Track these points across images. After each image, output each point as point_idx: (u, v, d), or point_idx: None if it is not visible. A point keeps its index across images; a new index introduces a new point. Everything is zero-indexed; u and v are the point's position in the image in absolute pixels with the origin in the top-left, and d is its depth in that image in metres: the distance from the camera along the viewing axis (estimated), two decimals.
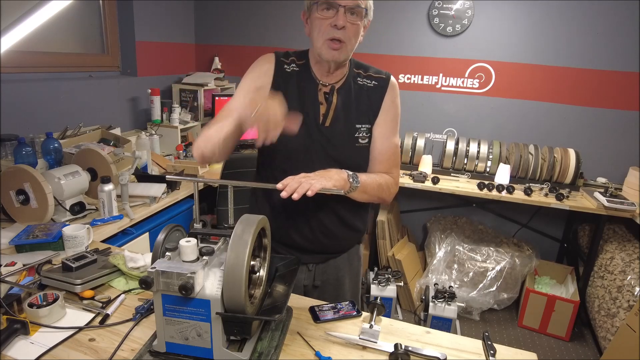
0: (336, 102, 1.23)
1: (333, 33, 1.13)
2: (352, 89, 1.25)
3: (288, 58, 1.26)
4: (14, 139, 2.00)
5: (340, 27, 1.12)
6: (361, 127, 1.24)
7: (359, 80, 1.26)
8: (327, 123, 1.22)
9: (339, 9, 1.11)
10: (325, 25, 1.13)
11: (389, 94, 1.26)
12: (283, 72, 1.24)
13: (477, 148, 2.82)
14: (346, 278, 1.40)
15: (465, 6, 2.85)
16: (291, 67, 1.25)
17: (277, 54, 1.27)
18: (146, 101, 2.94)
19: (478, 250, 2.82)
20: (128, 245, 1.82)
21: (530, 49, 2.84)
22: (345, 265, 1.39)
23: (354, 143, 1.23)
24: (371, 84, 1.26)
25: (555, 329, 2.64)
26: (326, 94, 1.23)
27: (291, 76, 1.24)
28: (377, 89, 1.26)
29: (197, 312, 0.85)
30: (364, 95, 1.25)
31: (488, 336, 1.07)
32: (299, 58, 1.26)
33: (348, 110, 1.23)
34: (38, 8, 1.99)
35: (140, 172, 2.23)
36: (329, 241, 1.31)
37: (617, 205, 2.39)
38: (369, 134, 1.25)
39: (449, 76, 3.04)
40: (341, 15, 1.11)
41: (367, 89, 1.26)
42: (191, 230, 0.97)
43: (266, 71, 1.24)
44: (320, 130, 1.21)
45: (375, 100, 1.25)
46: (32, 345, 0.95)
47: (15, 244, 1.40)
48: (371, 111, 1.25)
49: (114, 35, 2.83)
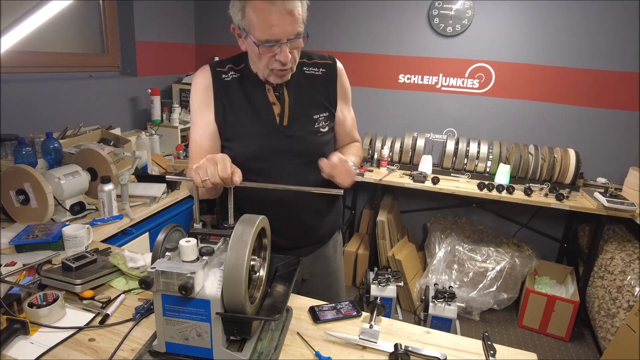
0: (289, 98, 1.20)
1: (278, 65, 1.10)
2: (302, 81, 1.22)
3: (225, 66, 1.22)
4: (14, 139, 2.00)
5: (285, 62, 1.09)
6: (319, 117, 1.23)
7: (305, 69, 1.23)
8: (285, 122, 1.20)
9: (281, 44, 1.06)
10: (269, 58, 1.09)
11: (340, 78, 1.27)
12: (222, 82, 1.20)
13: (477, 148, 2.82)
14: (333, 267, 1.43)
15: (465, 6, 2.85)
16: (230, 75, 1.21)
17: (212, 65, 1.22)
18: (146, 101, 2.94)
19: (478, 251, 2.82)
20: (128, 245, 1.82)
21: (530, 49, 2.84)
22: (331, 254, 1.41)
23: (316, 134, 1.23)
24: (319, 71, 1.24)
25: (555, 329, 2.64)
26: (276, 92, 1.21)
27: (232, 84, 1.20)
28: (328, 76, 1.25)
29: (197, 312, 0.85)
30: (316, 84, 1.24)
31: (488, 336, 1.07)
32: (237, 63, 1.22)
33: (302, 103, 1.22)
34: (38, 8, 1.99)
35: (140, 172, 2.23)
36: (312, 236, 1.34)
37: (617, 206, 2.39)
38: (328, 121, 1.25)
39: (449, 76, 3.04)
40: (284, 50, 1.07)
41: (317, 78, 1.24)
42: (191, 230, 0.97)
43: (206, 88, 1.20)
44: (279, 131, 1.20)
45: (330, 88, 1.25)
46: (32, 345, 0.95)
47: (15, 243, 1.40)
48: (327, 99, 1.25)
49: (114, 35, 2.83)
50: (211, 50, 3.46)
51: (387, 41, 3.07)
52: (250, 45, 1.09)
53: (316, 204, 1.30)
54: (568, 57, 2.79)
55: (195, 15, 3.45)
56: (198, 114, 1.21)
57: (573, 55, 2.77)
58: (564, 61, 2.80)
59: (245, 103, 1.20)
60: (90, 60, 2.72)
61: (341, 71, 1.28)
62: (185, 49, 3.44)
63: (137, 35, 2.86)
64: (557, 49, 2.79)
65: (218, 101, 1.20)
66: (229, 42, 3.42)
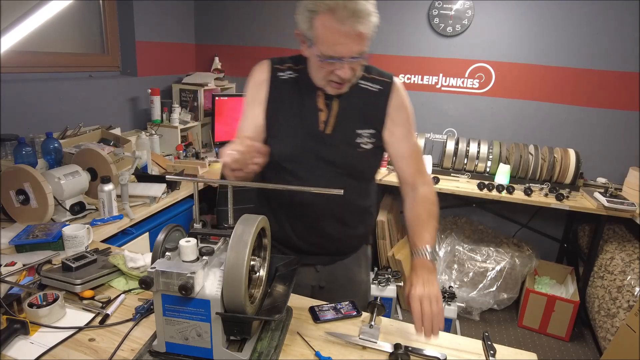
0: (337, 108, 1.19)
1: (337, 79, 1.09)
2: (354, 93, 1.20)
3: (283, 64, 1.23)
4: (14, 139, 2.00)
5: (345, 78, 1.08)
6: (363, 133, 1.20)
7: (361, 83, 1.21)
8: (327, 130, 1.19)
9: (343, 61, 1.05)
10: (328, 71, 1.09)
11: (394, 98, 1.21)
12: (277, 80, 1.21)
13: (477, 148, 2.82)
14: (355, 279, 1.39)
15: (465, 6, 2.85)
16: (287, 74, 1.22)
17: (272, 61, 1.23)
18: (146, 101, 2.94)
19: (478, 251, 2.82)
20: (128, 245, 1.82)
21: (530, 49, 2.84)
22: (354, 266, 1.38)
23: (356, 148, 1.20)
24: (374, 88, 1.21)
25: (555, 329, 2.64)
26: (327, 100, 1.20)
27: (287, 83, 1.21)
28: (381, 93, 1.21)
29: (197, 312, 0.85)
30: (367, 100, 1.20)
31: (488, 336, 1.07)
32: (296, 63, 1.22)
33: (349, 116, 1.20)
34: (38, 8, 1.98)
35: (140, 172, 2.23)
36: (332, 245, 1.31)
37: (617, 206, 2.38)
38: (373, 139, 1.21)
39: (449, 76, 3.04)
40: (345, 67, 1.06)
41: (370, 93, 1.21)
42: (191, 230, 0.97)
43: (261, 83, 1.22)
44: (320, 137, 1.19)
45: (380, 106, 1.21)
46: (32, 345, 0.95)
47: (15, 243, 1.40)
48: (375, 117, 1.21)
49: (114, 35, 2.83)
50: (211, 50, 3.46)
51: (387, 41, 3.07)
52: (313, 56, 1.10)
53: (341, 215, 1.26)
54: (568, 57, 2.78)
55: (195, 15, 3.45)
56: (248, 107, 1.24)
57: (573, 55, 2.77)
58: (564, 61, 2.80)
59: (294, 104, 1.20)
60: (90, 60, 2.72)
61: (397, 92, 1.22)
62: (185, 49, 3.44)
63: (137, 35, 2.86)
64: (557, 49, 2.79)
65: (269, 98, 1.21)
66: (229, 42, 3.43)
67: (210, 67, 3.40)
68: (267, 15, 3.27)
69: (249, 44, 3.38)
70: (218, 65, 3.38)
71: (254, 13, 3.29)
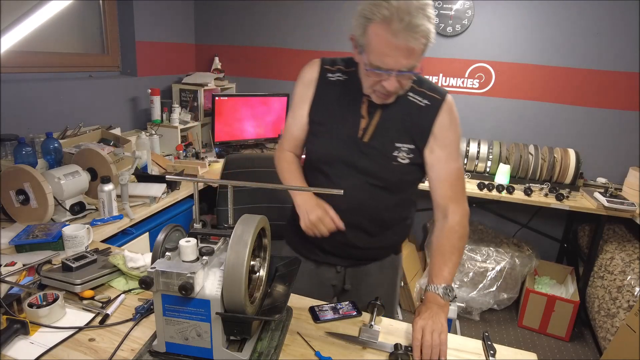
0: (378, 118, 1.16)
1: (383, 89, 1.07)
2: (399, 105, 1.16)
3: (334, 66, 1.22)
4: (14, 139, 2.00)
5: (390, 90, 1.07)
6: (402, 147, 1.16)
7: (410, 95, 1.16)
8: (365, 138, 1.17)
9: (390, 74, 1.03)
10: (374, 81, 1.07)
11: (443, 116, 1.15)
12: (326, 81, 1.21)
13: (477, 148, 2.82)
14: (378, 285, 1.36)
15: (465, 6, 2.85)
16: (336, 76, 1.21)
17: (323, 61, 1.23)
18: (146, 101, 2.94)
19: (478, 250, 2.82)
20: (128, 245, 1.82)
21: (530, 49, 2.84)
22: (376, 272, 1.36)
23: (392, 161, 1.17)
24: (422, 102, 1.16)
25: (555, 329, 2.64)
26: (371, 108, 1.17)
27: (335, 85, 1.20)
28: (428, 109, 1.15)
29: (197, 312, 0.85)
30: (412, 113, 1.16)
31: (488, 336, 1.07)
32: (347, 66, 1.21)
33: (389, 127, 1.16)
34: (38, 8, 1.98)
35: (140, 172, 2.23)
36: (355, 252, 1.30)
37: (617, 206, 2.38)
38: (411, 154, 1.17)
39: (449, 76, 3.04)
40: (392, 80, 1.04)
41: (416, 107, 1.16)
42: (191, 230, 0.97)
43: (309, 83, 1.22)
44: (357, 144, 1.18)
45: (425, 122, 1.16)
46: (32, 345, 0.95)
47: (15, 243, 1.40)
48: (417, 132, 1.16)
49: (114, 35, 2.83)
50: (211, 50, 3.46)
51: None
52: (362, 63, 1.09)
53: (366, 226, 1.25)
54: (568, 57, 2.78)
55: (195, 15, 3.45)
56: (296, 104, 1.26)
57: (573, 55, 2.77)
58: (564, 61, 2.80)
59: (338, 107, 1.20)
60: (90, 60, 2.72)
61: (447, 110, 1.16)
62: (185, 49, 3.43)
63: (137, 35, 2.86)
64: (557, 49, 2.79)
65: (315, 97, 1.22)
66: (229, 42, 3.43)
67: (210, 67, 3.40)
68: (267, 15, 3.27)
69: (249, 44, 3.38)
70: (218, 65, 3.38)
71: (254, 13, 3.29)
